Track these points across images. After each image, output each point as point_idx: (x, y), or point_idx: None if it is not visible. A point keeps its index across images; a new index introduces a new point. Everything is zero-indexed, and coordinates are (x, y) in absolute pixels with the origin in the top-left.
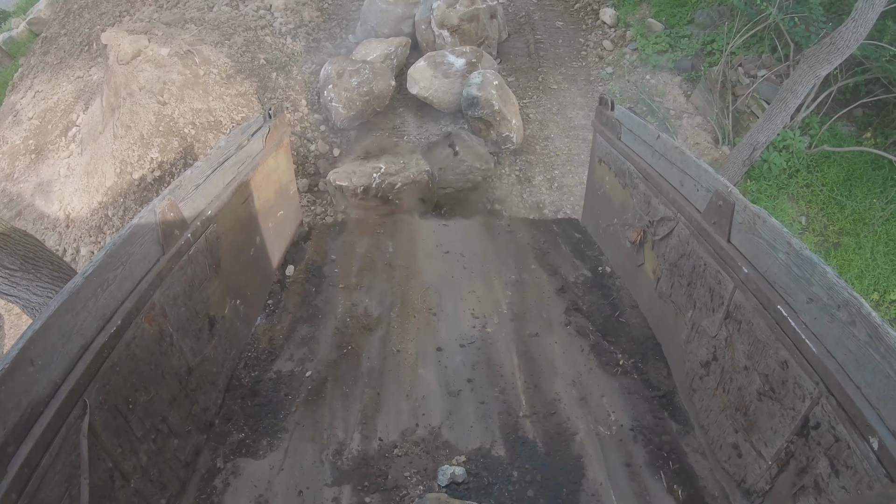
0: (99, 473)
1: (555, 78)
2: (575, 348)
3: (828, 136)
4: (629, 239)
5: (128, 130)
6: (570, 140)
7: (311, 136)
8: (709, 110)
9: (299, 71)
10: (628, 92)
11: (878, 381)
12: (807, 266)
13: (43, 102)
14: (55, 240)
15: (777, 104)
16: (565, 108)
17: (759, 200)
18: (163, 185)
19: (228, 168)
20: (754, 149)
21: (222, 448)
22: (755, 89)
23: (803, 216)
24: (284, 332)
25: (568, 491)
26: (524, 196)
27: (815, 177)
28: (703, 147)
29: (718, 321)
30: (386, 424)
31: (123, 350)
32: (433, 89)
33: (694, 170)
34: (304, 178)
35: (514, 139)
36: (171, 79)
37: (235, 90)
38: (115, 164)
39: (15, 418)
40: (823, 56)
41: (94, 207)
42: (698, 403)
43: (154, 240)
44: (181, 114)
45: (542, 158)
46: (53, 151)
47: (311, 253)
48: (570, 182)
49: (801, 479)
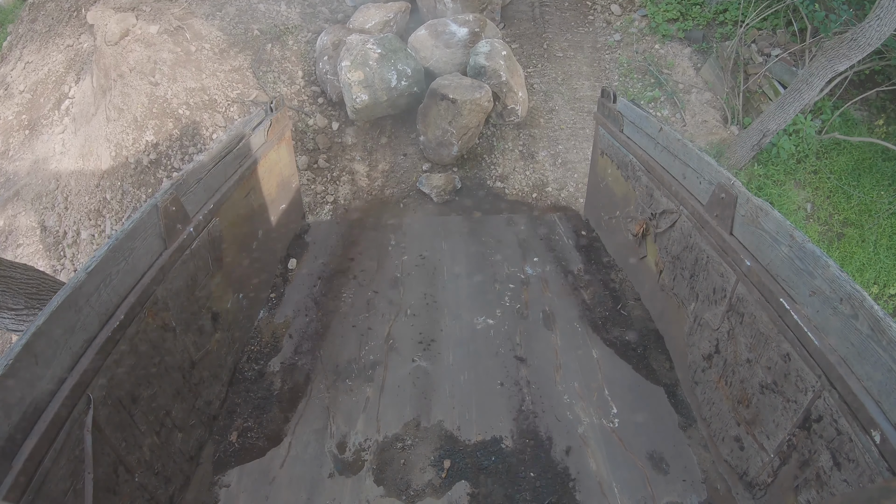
0: (103, 467)
1: (560, 45)
2: (577, 341)
3: (839, 121)
4: (631, 231)
5: (120, 113)
6: (574, 113)
7: (308, 109)
8: (719, 86)
9: (295, 41)
10: (636, 62)
11: (881, 374)
12: (809, 259)
13: (34, 74)
14: (55, 220)
15: (791, 94)
16: (571, 77)
17: (766, 186)
18: (159, 167)
19: (230, 162)
20: (764, 135)
21: (226, 441)
22: (768, 69)
23: (809, 203)
24: (287, 326)
25: (571, 484)
26: (527, 173)
27: (824, 164)
28: (711, 125)
29: (721, 314)
30: (389, 417)
31: (127, 345)
32: (434, 59)
33: (696, 162)
34: (303, 154)
35: (518, 112)
36: (162, 58)
37: (229, 65)
38: (109, 147)
39: (19, 413)
40: (843, 52)
41: (92, 190)
42: (701, 396)
43: (156, 234)
44: (174, 94)
45: (546, 132)
46: (47, 126)
47: (313, 246)
48: (574, 158)
49: (803, 472)
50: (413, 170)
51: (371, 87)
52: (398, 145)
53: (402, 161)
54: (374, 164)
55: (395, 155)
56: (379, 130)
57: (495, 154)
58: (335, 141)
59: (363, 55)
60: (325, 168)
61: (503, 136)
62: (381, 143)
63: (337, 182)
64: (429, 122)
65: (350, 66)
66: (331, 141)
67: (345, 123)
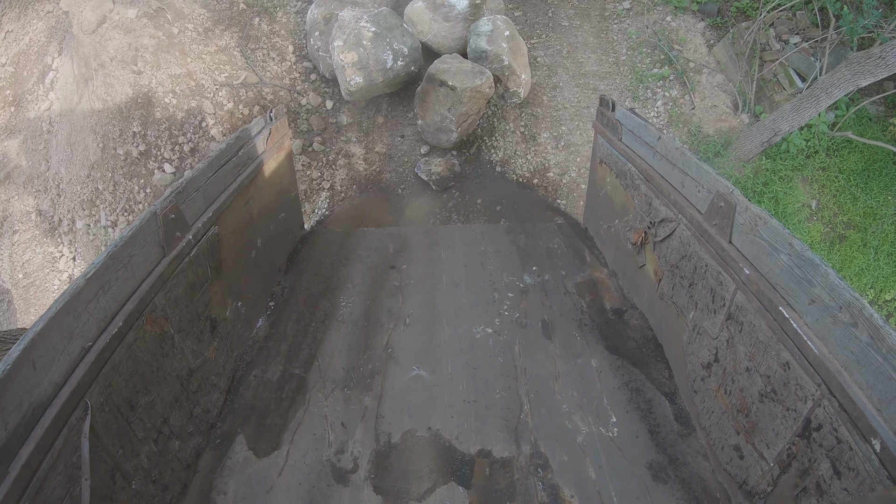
0: (100, 475)
1: (566, 12)
2: (576, 350)
3: (854, 118)
4: (630, 240)
5: (104, 104)
6: (579, 90)
7: (301, 88)
8: (732, 69)
9: (284, 13)
10: (645, 35)
11: (880, 382)
12: (808, 267)
13: (15, 45)
14: (48, 205)
15: (808, 99)
16: (576, 49)
17: (772, 182)
18: (150, 158)
19: (230, 170)
20: (775, 133)
21: (224, 449)
22: (786, 57)
23: (815, 200)
24: (286, 334)
25: (570, 493)
26: (529, 157)
27: (834, 162)
28: (720, 111)
29: (720, 322)
30: (388, 425)
31: (125, 352)
32: (432, 34)
33: (695, 171)
34: (297, 137)
35: (521, 94)
36: (144, 44)
37: (215, 45)
38: (96, 139)
39: (16, 420)
40: (869, 68)
41: (83, 180)
42: (700, 405)
43: (156, 242)
44: (159, 82)
45: (549, 112)
46: (33, 102)
47: (312, 254)
48: (577, 140)
49: (803, 480)
50: (411, 152)
51: (366, 68)
52: (395, 126)
53: (399, 143)
54: (370, 147)
55: (393, 136)
56: (375, 109)
57: (496, 136)
58: (330, 122)
59: (356, 34)
60: (321, 151)
61: (504, 117)
62: (377, 122)
63: (333, 167)
64: (427, 106)
65: (343, 47)
66: (325, 122)
67: (339, 102)
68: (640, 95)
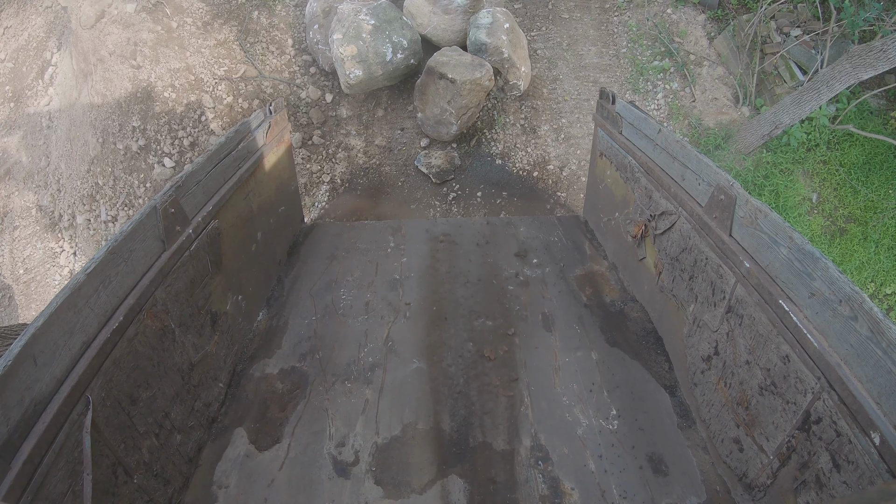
0: (102, 469)
1: (566, 4)
2: (576, 343)
3: (855, 112)
4: (630, 233)
5: (104, 99)
6: (579, 82)
7: (300, 81)
8: (732, 61)
9: (283, 6)
10: (645, 28)
11: (880, 375)
12: (808, 261)
13: (14, 40)
14: (48, 200)
15: (808, 92)
16: (576, 42)
17: (773, 175)
18: (149, 153)
19: (229, 164)
20: (776, 126)
21: (225, 443)
22: (787, 50)
23: (815, 194)
24: (286, 328)
25: (570, 485)
26: (529, 149)
27: (835, 155)
28: (721, 104)
29: (720, 315)
30: (388, 419)
31: (126, 346)
32: (432, 26)
33: (695, 164)
34: (297, 131)
35: (521, 87)
36: (143, 38)
37: (214, 39)
38: (95, 134)
39: (18, 415)
40: (870, 61)
41: (83, 175)
42: (700, 398)
43: (156, 236)
44: (158, 76)
45: (550, 104)
46: (32, 97)
47: (312, 248)
48: (578, 133)
49: (803, 473)
50: (411, 145)
51: (365, 61)
52: (395, 118)
53: (399, 136)
54: (370, 140)
55: (392, 129)
56: (375, 102)
57: (496, 129)
58: (329, 115)
59: (356, 27)
60: (320, 145)
61: (504, 109)
62: (377, 115)
63: (333, 160)
64: (426, 99)
65: (342, 40)
66: (325, 115)
67: (339, 95)
68: (641, 88)
